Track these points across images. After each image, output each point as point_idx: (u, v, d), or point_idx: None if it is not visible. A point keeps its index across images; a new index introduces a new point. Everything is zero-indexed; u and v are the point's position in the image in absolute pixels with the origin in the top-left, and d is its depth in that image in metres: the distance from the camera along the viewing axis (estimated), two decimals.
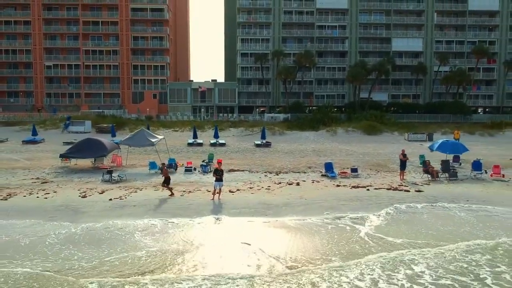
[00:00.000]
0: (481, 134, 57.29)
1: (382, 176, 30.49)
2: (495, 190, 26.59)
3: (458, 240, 17.37)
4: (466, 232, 18.44)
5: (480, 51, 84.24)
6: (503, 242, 17.22)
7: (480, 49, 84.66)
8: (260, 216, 20.56)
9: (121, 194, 24.53)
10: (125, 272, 14.24)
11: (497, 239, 17.57)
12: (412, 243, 16.98)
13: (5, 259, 15.24)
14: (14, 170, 31.72)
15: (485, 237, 17.71)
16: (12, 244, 16.84)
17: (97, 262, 15.08)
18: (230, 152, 41.79)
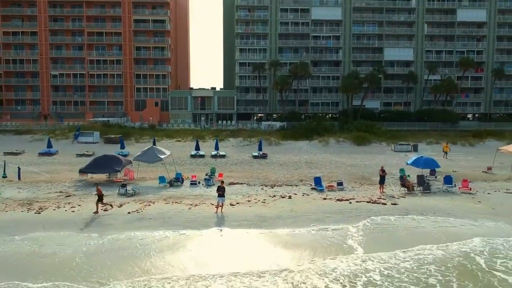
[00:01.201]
0: (462, 144, 61.29)
1: (364, 189, 34.52)
2: (460, 203, 30.64)
3: (416, 248, 21.43)
4: (425, 240, 22.46)
5: (466, 63, 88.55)
6: (453, 250, 21.28)
7: (466, 60, 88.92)
8: (256, 228, 24.61)
9: (137, 208, 28.52)
10: (152, 273, 18.28)
11: (450, 247, 21.63)
12: (378, 250, 21.03)
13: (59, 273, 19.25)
14: (38, 184, 35.65)
15: (440, 245, 21.77)
16: (56, 254, 20.82)
17: (126, 268, 19.11)
18: (230, 164, 45.82)
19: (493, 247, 21.76)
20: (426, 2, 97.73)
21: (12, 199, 30.94)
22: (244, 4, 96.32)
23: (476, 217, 27.12)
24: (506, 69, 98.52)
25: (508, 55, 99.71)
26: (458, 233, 24.18)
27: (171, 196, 32.00)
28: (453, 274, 18.59)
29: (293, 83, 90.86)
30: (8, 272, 18.61)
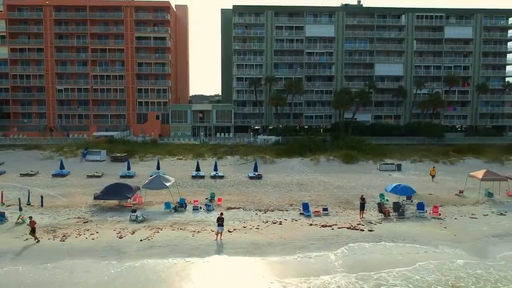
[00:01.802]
0: (444, 162, 65.88)
1: (346, 214, 39.07)
2: (428, 229, 35.22)
3: (384, 271, 26.01)
4: (392, 265, 27.00)
5: (452, 79, 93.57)
6: (411, 274, 25.86)
7: (452, 77, 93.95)
8: (250, 256, 29.11)
9: (148, 235, 33.00)
10: None
11: (409, 270, 26.22)
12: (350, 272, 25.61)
13: None
14: (57, 209, 40.05)
15: (402, 269, 26.32)
16: (85, 282, 25.31)
17: None
18: (228, 186, 50.31)
19: (442, 272, 26.33)
20: (415, 20, 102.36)
21: (39, 225, 35.33)
22: (241, 21, 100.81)
23: (438, 243, 31.69)
24: (491, 83, 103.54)
25: (493, 70, 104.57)
26: (417, 259, 28.68)
27: (176, 222, 36.51)
28: None
29: (288, 97, 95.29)
30: None
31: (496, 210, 40.77)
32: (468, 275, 26.22)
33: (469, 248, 30.93)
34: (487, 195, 45.49)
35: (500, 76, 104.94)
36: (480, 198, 45.05)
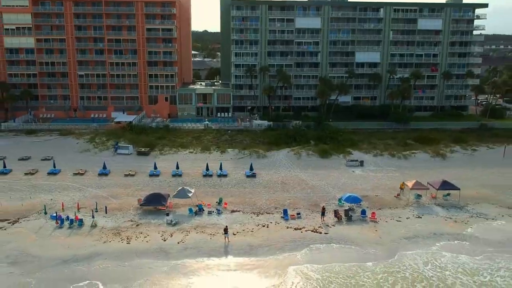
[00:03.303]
0: (399, 157, 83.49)
1: (313, 217, 57.16)
2: (365, 232, 53.48)
3: (328, 265, 44.52)
4: (335, 260, 45.43)
5: (416, 74, 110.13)
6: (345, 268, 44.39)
7: (416, 73, 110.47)
8: (248, 256, 47.34)
9: (181, 237, 51.19)
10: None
11: (348, 261, 44.72)
12: (312, 263, 44.13)
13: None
14: (114, 213, 57.85)
15: (343, 264, 44.87)
16: (152, 274, 43.67)
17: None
18: (230, 187, 67.98)
19: (357, 269, 44.85)
20: (392, 13, 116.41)
21: (105, 228, 53.43)
22: (238, 14, 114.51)
23: (366, 245, 50.09)
24: (456, 69, 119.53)
25: (459, 58, 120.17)
26: (349, 256, 47.15)
27: (198, 225, 54.67)
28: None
29: (279, 84, 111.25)
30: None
31: (416, 213, 59.01)
32: (372, 273, 44.62)
33: (384, 249, 49.22)
34: (416, 197, 63.65)
35: (464, 63, 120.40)
36: (411, 200, 63.21)
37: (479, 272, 44.77)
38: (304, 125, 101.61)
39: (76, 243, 49.84)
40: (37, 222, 55.02)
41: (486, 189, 68.39)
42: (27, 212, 57.97)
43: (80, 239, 51.03)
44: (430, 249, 49.68)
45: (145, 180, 70.06)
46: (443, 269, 45.17)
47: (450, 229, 54.66)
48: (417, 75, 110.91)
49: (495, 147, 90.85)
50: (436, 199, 63.43)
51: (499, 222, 57.01)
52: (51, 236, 51.75)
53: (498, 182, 71.62)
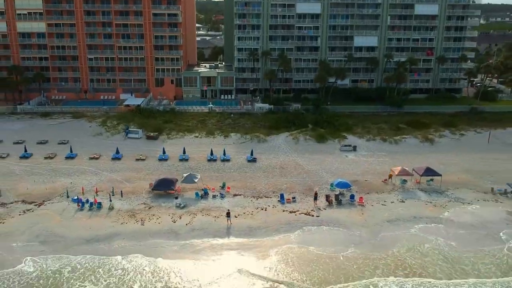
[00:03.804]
0: (390, 142, 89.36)
1: (307, 201, 63.65)
2: (352, 215, 59.99)
3: (315, 246, 51.26)
4: (324, 243, 52.13)
5: (412, 61, 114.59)
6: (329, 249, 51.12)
7: (412, 59, 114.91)
8: (248, 237, 54.05)
9: (189, 220, 57.89)
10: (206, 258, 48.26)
11: (334, 244, 51.44)
12: (307, 245, 50.91)
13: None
14: (128, 196, 64.46)
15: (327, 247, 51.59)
16: (165, 253, 50.50)
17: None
18: (233, 171, 74.31)
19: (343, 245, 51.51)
20: None
21: (121, 211, 60.13)
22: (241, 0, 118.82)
23: (353, 227, 56.67)
24: (451, 53, 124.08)
25: (454, 42, 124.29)
26: (337, 238, 53.81)
27: (203, 208, 61.31)
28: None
29: (280, 68, 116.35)
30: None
31: (401, 198, 65.38)
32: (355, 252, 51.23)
33: (368, 231, 55.81)
34: (402, 182, 69.93)
35: (459, 47, 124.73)
36: (397, 185, 69.49)
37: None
38: (303, 109, 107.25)
39: (97, 225, 56.62)
40: (60, 205, 61.70)
41: (467, 174, 74.45)
42: (50, 195, 64.64)
43: (99, 220, 57.81)
44: (409, 231, 56.03)
45: (155, 165, 76.48)
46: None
47: (429, 213, 61.05)
48: (412, 61, 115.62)
49: (482, 131, 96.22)
50: (420, 184, 69.61)
51: (474, 206, 63.32)
52: (74, 218, 58.53)
53: (479, 167, 77.54)
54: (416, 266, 48.65)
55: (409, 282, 45.88)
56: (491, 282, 46.27)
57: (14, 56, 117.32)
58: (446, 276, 47.03)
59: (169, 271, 47.21)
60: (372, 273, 47.19)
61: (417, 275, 47.04)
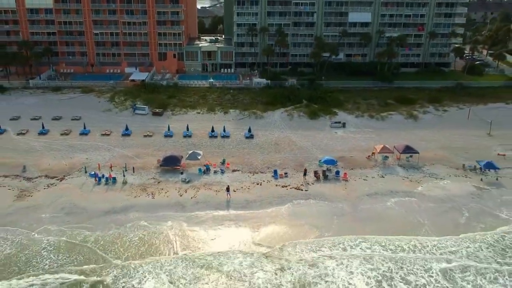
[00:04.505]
0: (377, 119, 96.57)
1: (297, 176, 71.77)
2: (337, 189, 68.13)
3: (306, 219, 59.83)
4: (309, 215, 60.62)
5: (401, 38, 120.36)
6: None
7: (401, 37, 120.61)
8: (245, 210, 62.44)
9: (193, 193, 66.19)
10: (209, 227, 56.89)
11: (319, 215, 60.02)
12: (292, 219, 59.48)
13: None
14: (139, 171, 72.51)
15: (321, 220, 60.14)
16: (173, 225, 59.03)
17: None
18: (231, 147, 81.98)
19: (324, 220, 60.02)
20: None
21: (134, 185, 68.36)
22: None
23: (336, 200, 64.98)
24: (442, 28, 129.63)
25: (444, 18, 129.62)
26: (322, 210, 62.24)
27: (206, 182, 69.51)
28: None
29: (277, 44, 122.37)
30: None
31: (381, 173, 73.43)
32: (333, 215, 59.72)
33: (349, 204, 64.13)
34: (383, 158, 77.86)
35: (449, 22, 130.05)
36: (379, 161, 77.50)
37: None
38: (299, 84, 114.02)
39: (113, 198, 64.92)
40: (79, 180, 69.87)
41: (444, 151, 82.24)
42: (70, 170, 72.75)
43: (115, 194, 66.10)
44: (385, 205, 64.37)
45: (161, 141, 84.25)
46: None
47: (405, 188, 69.21)
48: (402, 39, 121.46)
49: (464, 107, 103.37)
50: (399, 161, 77.58)
51: (445, 181, 71.40)
52: (92, 192, 66.80)
53: (456, 144, 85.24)
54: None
55: (370, 239, 54.33)
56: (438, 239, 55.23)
57: (23, 31, 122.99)
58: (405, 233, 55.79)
59: (178, 239, 55.61)
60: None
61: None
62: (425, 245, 55.02)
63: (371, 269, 50.45)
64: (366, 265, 51.05)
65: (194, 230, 57.57)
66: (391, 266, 50.93)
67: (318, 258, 52.22)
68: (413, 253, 53.38)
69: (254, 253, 52.83)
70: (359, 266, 50.91)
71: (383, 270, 50.32)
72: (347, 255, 52.98)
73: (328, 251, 53.60)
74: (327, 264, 51.18)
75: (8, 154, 77.86)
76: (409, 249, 54.14)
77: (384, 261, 51.86)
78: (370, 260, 51.91)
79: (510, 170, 75.14)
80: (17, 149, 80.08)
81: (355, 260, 51.88)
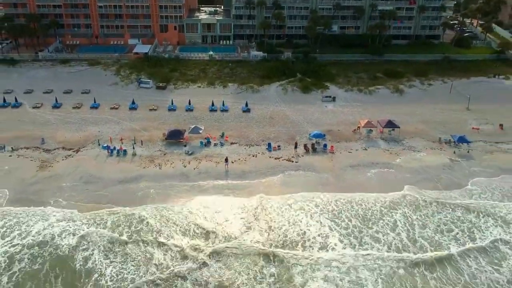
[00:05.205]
0: (365, 93, 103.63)
1: (289, 149, 79.82)
2: (324, 161, 76.26)
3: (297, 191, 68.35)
4: (302, 186, 69.09)
5: (391, 13, 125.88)
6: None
7: (392, 12, 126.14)
8: (241, 180, 70.72)
9: (196, 165, 74.43)
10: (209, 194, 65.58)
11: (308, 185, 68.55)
12: (284, 188, 68.10)
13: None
14: (146, 143, 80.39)
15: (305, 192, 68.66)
16: (178, 194, 67.60)
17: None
18: (230, 121, 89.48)
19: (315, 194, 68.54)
20: None
21: (143, 157, 76.46)
22: None
23: (322, 171, 73.30)
24: (432, 2, 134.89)
25: None
26: (305, 180, 70.66)
27: (207, 154, 77.64)
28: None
29: (274, 18, 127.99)
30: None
31: (364, 146, 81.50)
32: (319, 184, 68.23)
33: (334, 174, 72.44)
34: (368, 132, 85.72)
35: None
36: (363, 134, 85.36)
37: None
38: (294, 57, 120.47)
39: (125, 168, 73.13)
40: (93, 151, 77.92)
41: (424, 124, 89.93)
42: (84, 142, 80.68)
43: (126, 165, 74.29)
44: (366, 175, 72.78)
45: (166, 115, 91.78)
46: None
47: (385, 159, 77.37)
48: (392, 14, 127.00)
49: (448, 81, 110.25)
50: (382, 134, 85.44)
51: (421, 154, 79.51)
52: (106, 163, 74.97)
53: (436, 118, 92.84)
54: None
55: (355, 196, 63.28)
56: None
57: (30, 4, 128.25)
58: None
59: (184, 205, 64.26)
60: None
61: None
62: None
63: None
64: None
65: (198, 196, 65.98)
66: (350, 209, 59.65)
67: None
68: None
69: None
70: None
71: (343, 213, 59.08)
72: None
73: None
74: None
75: (26, 127, 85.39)
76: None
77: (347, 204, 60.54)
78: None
79: (481, 143, 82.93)
80: (34, 122, 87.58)
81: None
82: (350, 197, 66.25)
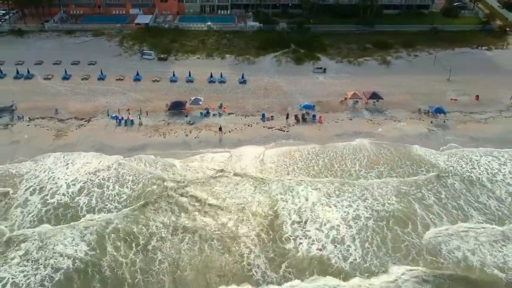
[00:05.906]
0: (354, 64, 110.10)
1: (281, 119, 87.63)
2: (312, 130, 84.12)
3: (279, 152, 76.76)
4: (289, 155, 77.47)
5: None
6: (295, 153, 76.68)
7: None
8: (237, 147, 79.03)
9: (196, 134, 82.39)
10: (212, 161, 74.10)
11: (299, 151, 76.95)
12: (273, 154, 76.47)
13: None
14: (150, 114, 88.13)
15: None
16: (181, 158, 75.94)
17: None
18: (227, 92, 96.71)
19: (303, 153, 76.86)
20: None
21: (148, 126, 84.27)
22: None
23: (310, 140, 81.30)
24: None
25: None
26: (300, 148, 78.97)
27: (206, 124, 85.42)
28: None
29: None
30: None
31: (350, 116, 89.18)
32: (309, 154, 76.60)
33: (321, 142, 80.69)
34: (354, 103, 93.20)
35: None
36: (350, 105, 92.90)
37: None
38: (289, 28, 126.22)
39: (132, 137, 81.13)
40: (103, 121, 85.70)
41: (407, 95, 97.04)
42: (94, 112, 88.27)
43: (133, 134, 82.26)
44: (350, 144, 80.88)
45: (168, 86, 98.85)
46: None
47: (368, 129, 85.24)
48: None
49: (434, 52, 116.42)
50: (367, 105, 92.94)
51: (402, 123, 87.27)
52: (115, 132, 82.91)
53: (418, 89, 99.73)
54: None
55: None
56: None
57: None
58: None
59: (186, 169, 72.67)
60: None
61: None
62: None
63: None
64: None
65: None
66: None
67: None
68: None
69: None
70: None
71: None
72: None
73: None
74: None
75: (39, 97, 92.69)
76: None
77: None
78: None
79: (457, 113, 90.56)
80: (46, 93, 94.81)
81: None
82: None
